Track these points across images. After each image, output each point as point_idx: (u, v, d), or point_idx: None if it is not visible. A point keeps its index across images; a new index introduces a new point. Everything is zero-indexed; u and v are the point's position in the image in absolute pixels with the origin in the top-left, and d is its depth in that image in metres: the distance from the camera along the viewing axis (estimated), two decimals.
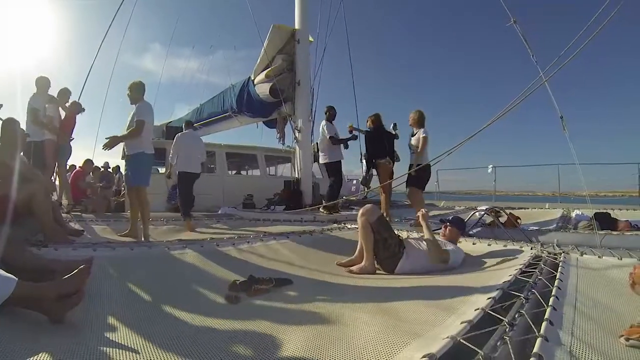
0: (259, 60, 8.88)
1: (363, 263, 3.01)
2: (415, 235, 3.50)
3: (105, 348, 1.57)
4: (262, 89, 8.60)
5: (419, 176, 5.12)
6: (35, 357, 1.42)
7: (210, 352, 1.48)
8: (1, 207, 3.24)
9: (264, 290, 2.39)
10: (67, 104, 6.15)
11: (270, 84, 8.30)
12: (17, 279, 1.85)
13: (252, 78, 9.08)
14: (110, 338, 1.70)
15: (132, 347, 1.58)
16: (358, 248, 3.13)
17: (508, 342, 1.26)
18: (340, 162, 6.97)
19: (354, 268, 3.00)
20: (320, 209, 6.56)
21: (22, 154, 4.07)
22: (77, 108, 6.25)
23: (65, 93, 6.13)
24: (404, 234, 3.53)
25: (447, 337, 1.30)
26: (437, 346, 1.26)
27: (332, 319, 1.80)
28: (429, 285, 2.40)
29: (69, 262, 2.43)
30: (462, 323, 1.44)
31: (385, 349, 1.39)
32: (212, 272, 2.88)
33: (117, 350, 1.54)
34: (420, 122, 5.25)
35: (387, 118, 6.10)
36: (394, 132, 6.07)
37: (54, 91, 5.84)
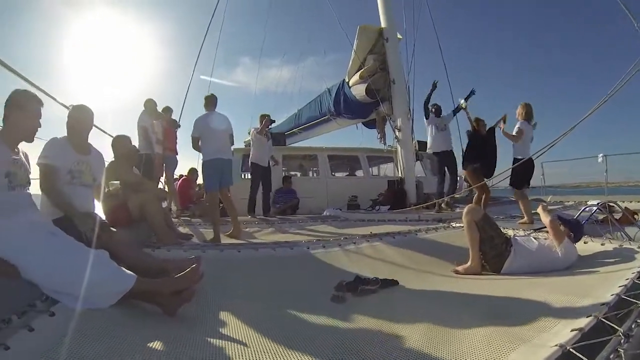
0: (350, 62, 8.95)
1: (469, 263, 2.94)
2: (521, 233, 3.29)
3: (214, 340, 1.69)
4: (358, 90, 8.64)
5: (518, 173, 4.85)
6: (150, 344, 1.59)
7: (315, 349, 1.52)
8: (119, 213, 3.60)
9: (370, 290, 2.41)
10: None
11: (365, 84, 8.30)
12: (136, 275, 2.06)
13: (347, 80, 9.16)
14: (220, 332, 1.83)
15: (241, 340, 1.68)
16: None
17: (622, 355, 1.17)
18: (442, 152, 6.64)
19: (459, 268, 2.94)
20: (443, 205, 6.39)
21: (134, 166, 4.45)
22: (174, 124, 6.91)
23: (167, 110, 6.88)
24: (510, 232, 3.34)
25: (556, 345, 1.26)
26: (544, 354, 1.23)
27: (438, 320, 1.77)
28: (538, 287, 2.27)
29: (181, 261, 2.60)
30: (572, 331, 1.37)
31: (491, 354, 1.37)
32: (318, 272, 2.96)
33: (226, 342, 1.66)
34: (525, 115, 4.95)
35: (486, 110, 5.77)
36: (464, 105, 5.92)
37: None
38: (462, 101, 6.31)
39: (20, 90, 2.35)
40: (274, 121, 7.51)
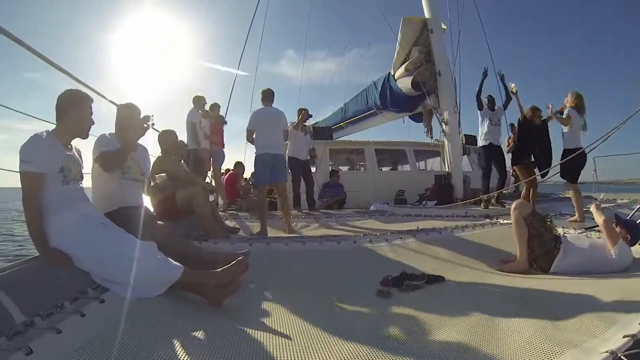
0: (395, 54, 8.83)
1: (516, 260, 2.89)
2: (572, 231, 3.20)
3: (257, 332, 1.73)
4: (404, 83, 8.54)
5: (569, 166, 4.68)
6: (194, 333, 1.66)
7: (358, 344, 1.53)
8: (167, 206, 3.71)
9: (416, 286, 2.42)
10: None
11: (411, 77, 8.18)
12: (183, 267, 2.13)
13: (392, 73, 9.07)
14: (264, 324, 1.88)
15: (285, 333, 1.72)
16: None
17: None
18: (491, 146, 6.43)
19: (506, 265, 2.90)
20: (492, 201, 6.28)
21: (182, 160, 4.62)
22: (221, 120, 7.10)
23: (215, 107, 7.10)
24: (560, 230, 3.24)
25: (607, 352, 1.22)
26: None
27: (483, 319, 1.76)
28: (589, 289, 2.19)
29: (228, 254, 2.64)
30: (624, 337, 1.32)
31: (537, 357, 1.34)
32: (364, 267, 2.98)
33: (269, 334, 1.70)
34: (575, 103, 4.78)
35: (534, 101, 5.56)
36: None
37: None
38: (513, 85, 6.07)
39: (72, 89, 2.41)
40: (311, 115, 7.58)
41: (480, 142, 6.60)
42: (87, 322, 1.61)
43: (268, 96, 4.88)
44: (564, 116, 4.73)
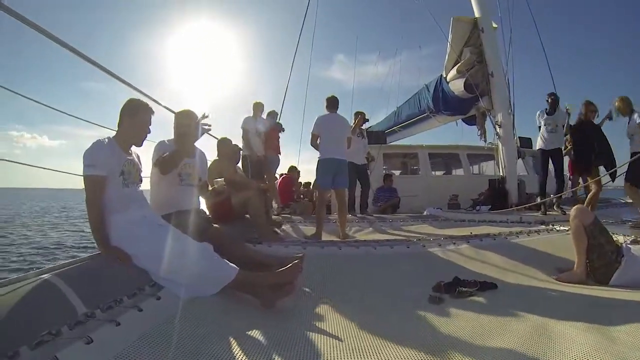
0: (447, 56, 8.71)
1: (573, 270, 2.79)
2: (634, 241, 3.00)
3: (309, 333, 1.77)
4: (456, 86, 8.41)
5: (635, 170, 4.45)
6: (247, 332, 1.71)
7: (408, 349, 1.54)
8: (223, 209, 3.81)
9: (468, 293, 2.39)
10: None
11: (463, 79, 8.04)
12: (238, 268, 2.18)
13: (444, 75, 8.96)
14: (315, 326, 1.90)
15: (336, 335, 1.75)
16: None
17: None
18: (541, 150, 6.10)
19: (561, 275, 2.81)
20: (555, 207, 6.03)
21: (238, 165, 4.80)
22: (278, 128, 7.26)
23: (272, 114, 7.31)
24: (620, 239, 3.10)
25: None
26: None
27: (537, 330, 1.72)
28: None
29: (282, 257, 2.67)
30: None
31: None
32: (417, 272, 2.97)
33: (320, 336, 1.74)
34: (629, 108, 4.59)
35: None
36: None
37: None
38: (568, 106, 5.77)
39: (133, 98, 2.49)
40: (367, 120, 7.64)
41: (537, 145, 6.37)
42: (144, 316, 1.68)
43: (333, 103, 4.97)
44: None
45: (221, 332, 1.68)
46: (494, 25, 8.29)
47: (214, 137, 4.63)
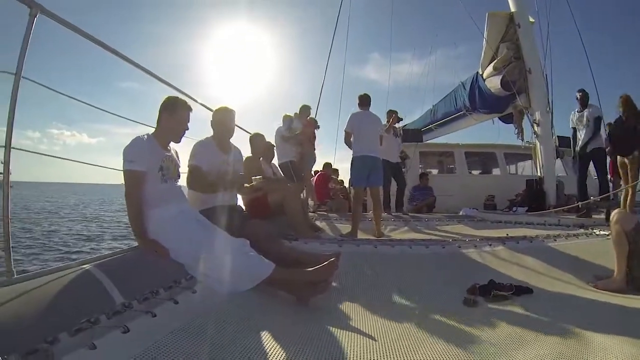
0: (483, 53, 8.55)
1: (613, 277, 2.69)
2: None
3: (342, 331, 1.77)
4: (493, 83, 8.24)
5: None
6: (281, 328, 1.73)
7: (441, 351, 1.54)
8: (259, 206, 3.84)
9: (503, 297, 2.36)
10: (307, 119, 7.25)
11: (500, 76, 7.85)
12: (274, 264, 2.20)
13: (480, 72, 8.80)
14: (349, 324, 1.91)
15: (370, 334, 1.75)
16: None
17: None
18: (581, 149, 5.90)
19: (599, 282, 2.71)
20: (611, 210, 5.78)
21: (274, 162, 4.83)
22: (314, 124, 7.27)
23: (306, 109, 7.32)
24: None
25: None
26: None
27: (572, 337, 1.69)
28: None
29: (318, 255, 2.66)
30: None
31: None
32: (452, 273, 2.95)
33: (354, 334, 1.75)
34: None
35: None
36: None
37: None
38: None
39: (171, 96, 2.55)
40: (401, 119, 7.62)
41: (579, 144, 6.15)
42: (180, 309, 1.71)
43: (365, 101, 5.01)
44: None
45: (255, 328, 1.71)
46: (531, 19, 8.05)
47: (246, 131, 4.73)
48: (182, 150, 2.69)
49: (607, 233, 3.38)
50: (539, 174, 7.48)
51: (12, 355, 1.07)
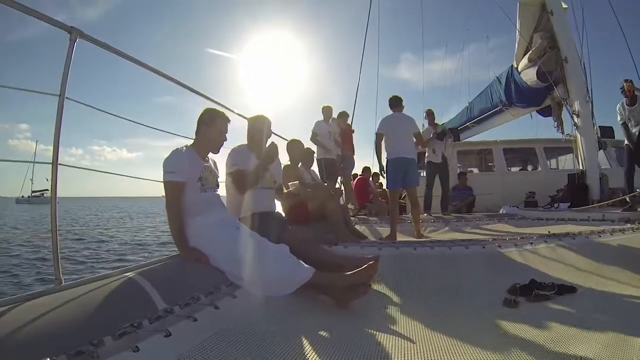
0: (516, 45, 8.30)
1: None
2: None
3: (382, 334, 1.78)
4: (528, 75, 7.97)
5: None
6: (321, 332, 1.76)
7: (483, 352, 1.54)
8: (299, 211, 3.89)
9: (545, 296, 2.33)
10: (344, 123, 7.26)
11: (536, 68, 7.58)
12: (313, 269, 2.22)
13: (515, 65, 8.55)
14: (388, 326, 1.93)
15: (409, 337, 1.76)
16: None
17: None
18: (627, 146, 5.70)
19: None
20: None
21: (313, 168, 4.86)
22: (349, 129, 7.29)
23: (344, 115, 7.36)
24: None
25: None
26: None
27: (617, 341, 1.63)
28: None
29: (358, 258, 2.68)
30: None
31: None
32: (492, 273, 2.92)
33: (394, 337, 1.76)
34: None
35: None
36: None
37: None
38: None
39: (209, 108, 2.61)
40: (437, 124, 7.55)
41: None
42: (220, 314, 1.75)
43: (396, 102, 5.04)
44: None
45: (295, 332, 1.73)
46: (564, 5, 7.71)
47: (283, 138, 4.72)
48: (219, 160, 2.78)
49: None
50: (580, 168, 7.20)
51: (60, 357, 1.14)
